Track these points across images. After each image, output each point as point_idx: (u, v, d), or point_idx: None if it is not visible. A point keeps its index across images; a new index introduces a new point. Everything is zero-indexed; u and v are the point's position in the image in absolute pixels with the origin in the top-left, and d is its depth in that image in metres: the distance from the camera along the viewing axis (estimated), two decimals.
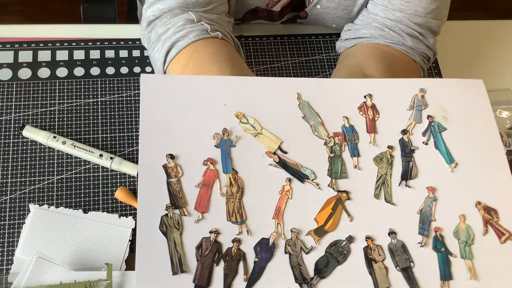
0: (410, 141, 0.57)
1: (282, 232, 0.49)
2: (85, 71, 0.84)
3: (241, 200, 0.50)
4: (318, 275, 0.48)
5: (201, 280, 0.46)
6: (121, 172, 0.77)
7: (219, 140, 0.53)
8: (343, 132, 0.56)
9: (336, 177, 0.53)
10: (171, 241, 0.47)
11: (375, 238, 0.51)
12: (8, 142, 0.77)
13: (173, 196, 0.50)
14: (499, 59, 0.95)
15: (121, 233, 0.71)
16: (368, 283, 0.48)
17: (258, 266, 0.48)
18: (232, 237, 0.49)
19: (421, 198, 0.54)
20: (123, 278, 0.65)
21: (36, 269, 0.65)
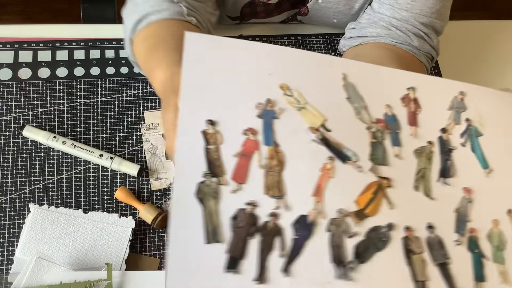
0: (449, 140, 0.56)
1: (322, 211, 0.48)
2: (85, 71, 0.84)
3: (281, 174, 0.48)
4: (357, 259, 0.47)
5: (235, 251, 0.44)
6: (121, 172, 0.77)
7: (262, 111, 0.50)
8: (386, 120, 0.55)
9: (377, 163, 0.52)
10: (206, 209, 0.45)
11: (415, 229, 0.50)
12: (8, 142, 0.77)
13: (211, 164, 0.47)
14: (499, 59, 0.95)
15: (121, 233, 0.71)
16: (406, 274, 0.47)
17: (297, 244, 0.46)
18: (269, 211, 0.46)
19: (457, 197, 0.53)
20: (123, 278, 0.65)
21: (36, 269, 0.65)
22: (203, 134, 0.48)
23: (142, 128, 0.81)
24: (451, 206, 0.52)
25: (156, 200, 0.76)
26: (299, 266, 0.45)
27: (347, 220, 0.48)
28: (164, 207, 0.75)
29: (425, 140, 0.55)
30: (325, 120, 0.52)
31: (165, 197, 0.76)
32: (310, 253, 0.46)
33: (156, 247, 0.73)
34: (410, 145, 0.54)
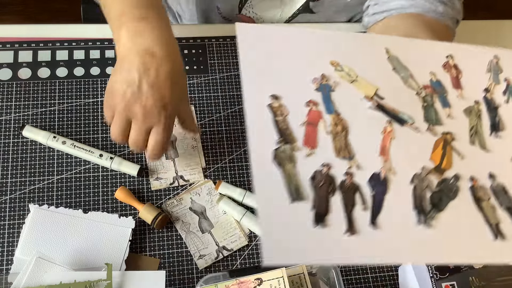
0: (493, 99, 0.61)
1: (391, 167, 0.52)
2: (85, 71, 0.84)
3: (347, 138, 0.52)
4: (435, 208, 0.51)
5: (320, 207, 0.47)
6: (121, 172, 0.77)
7: (319, 85, 0.55)
8: (432, 85, 0.59)
9: (432, 123, 0.56)
10: (286, 172, 0.48)
11: (478, 178, 0.54)
12: (8, 142, 0.77)
13: (282, 132, 0.50)
14: None
15: (121, 233, 0.71)
16: (479, 218, 0.51)
17: (378, 198, 0.50)
18: (343, 171, 0.50)
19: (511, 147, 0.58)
20: (123, 278, 0.65)
21: (36, 269, 0.65)
22: (269, 107, 0.51)
23: None
24: (506, 156, 0.57)
25: (156, 200, 0.76)
26: (384, 218, 0.48)
27: (429, 177, 0.52)
28: (164, 207, 0.75)
29: (472, 100, 0.60)
30: (378, 89, 0.56)
31: (165, 197, 0.76)
32: (392, 205, 0.49)
33: (156, 247, 0.73)
34: (459, 105, 0.59)
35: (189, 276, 0.72)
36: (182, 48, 0.88)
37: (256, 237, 0.75)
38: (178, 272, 0.72)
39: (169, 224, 0.74)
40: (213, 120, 0.83)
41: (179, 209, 0.76)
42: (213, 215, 0.76)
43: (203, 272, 0.72)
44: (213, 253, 0.73)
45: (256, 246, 0.75)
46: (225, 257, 0.73)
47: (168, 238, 0.74)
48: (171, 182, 0.77)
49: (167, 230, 0.74)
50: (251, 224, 0.74)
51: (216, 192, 0.77)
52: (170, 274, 0.71)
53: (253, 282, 0.60)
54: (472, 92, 0.60)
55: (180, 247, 0.73)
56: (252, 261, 0.74)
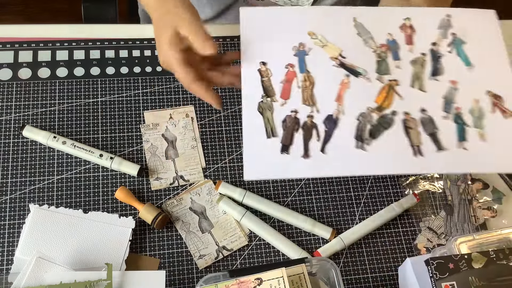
0: (438, 50, 0.75)
1: (342, 110, 0.70)
2: (85, 71, 0.84)
3: (312, 91, 0.71)
4: (370, 137, 0.69)
5: (286, 141, 0.68)
6: (121, 172, 0.77)
7: (297, 51, 0.73)
8: (388, 44, 0.75)
9: (381, 74, 0.72)
10: (265, 118, 0.69)
11: (411, 113, 0.70)
12: (8, 142, 0.77)
13: (266, 89, 0.71)
14: None
15: (121, 233, 0.71)
16: (405, 142, 0.69)
17: (328, 132, 0.69)
18: (307, 114, 0.69)
19: (445, 87, 0.73)
20: (123, 278, 0.65)
21: (36, 269, 0.65)
22: (258, 71, 0.71)
23: (142, 128, 0.81)
24: (440, 94, 0.72)
25: (156, 200, 0.76)
26: (330, 146, 0.68)
27: (371, 114, 0.70)
28: (164, 207, 0.75)
29: (419, 53, 0.75)
30: (341, 50, 0.73)
31: (165, 197, 0.76)
32: (338, 138, 0.68)
33: (156, 247, 0.73)
34: (407, 58, 0.74)
35: (189, 276, 0.72)
36: None
37: (256, 237, 0.75)
38: (178, 272, 0.72)
39: (169, 224, 0.75)
40: (213, 120, 0.83)
41: (179, 209, 0.76)
42: (213, 215, 0.76)
43: (203, 272, 0.72)
44: (213, 253, 0.73)
45: (256, 246, 0.75)
46: (225, 257, 0.73)
47: (168, 238, 0.74)
48: (171, 182, 0.77)
49: (167, 230, 0.74)
50: (251, 224, 0.74)
51: (216, 192, 0.77)
52: (170, 274, 0.71)
53: (253, 282, 0.60)
54: (421, 46, 0.75)
55: (180, 247, 0.73)
56: (252, 261, 0.74)
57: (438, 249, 0.70)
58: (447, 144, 0.69)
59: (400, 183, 0.81)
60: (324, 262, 0.66)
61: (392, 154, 0.68)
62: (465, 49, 0.76)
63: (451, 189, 0.81)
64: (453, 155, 0.69)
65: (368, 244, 0.76)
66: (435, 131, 0.70)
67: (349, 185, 0.80)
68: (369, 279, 0.74)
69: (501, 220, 0.80)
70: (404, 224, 0.78)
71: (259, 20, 0.74)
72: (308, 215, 0.77)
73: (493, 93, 0.73)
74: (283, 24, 0.75)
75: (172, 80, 0.85)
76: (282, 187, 0.79)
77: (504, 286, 0.65)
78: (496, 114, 0.72)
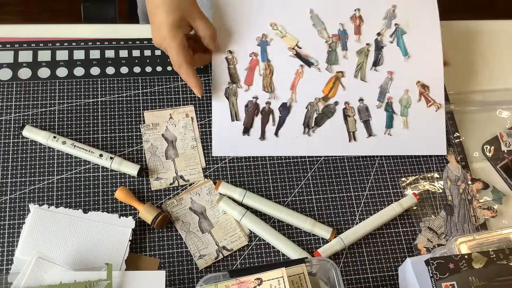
0: (382, 40, 0.83)
1: (295, 98, 0.80)
2: (85, 71, 0.84)
3: (271, 78, 0.80)
4: (316, 125, 0.79)
5: (247, 123, 0.79)
6: (121, 172, 0.77)
7: (259, 41, 0.82)
8: (339, 34, 0.83)
9: (331, 64, 0.81)
10: (230, 103, 0.79)
11: (350, 102, 0.80)
12: (8, 142, 0.77)
13: (232, 76, 0.80)
14: (500, 59, 0.95)
15: (121, 233, 0.71)
16: (344, 128, 0.79)
17: (282, 118, 0.79)
18: (265, 101, 0.79)
19: (383, 77, 0.82)
20: (123, 278, 0.65)
21: (36, 269, 0.65)
22: (226, 59, 0.81)
23: (142, 128, 0.81)
24: (377, 84, 0.81)
25: (156, 200, 0.76)
26: (283, 131, 0.79)
27: (318, 103, 0.80)
28: (164, 207, 0.75)
29: (365, 43, 0.83)
30: (298, 41, 0.82)
31: (165, 197, 0.76)
32: (290, 123, 0.79)
33: (156, 247, 0.73)
34: (354, 48, 0.82)
35: (189, 276, 0.72)
36: None
37: (256, 237, 0.75)
38: (178, 272, 0.72)
39: (169, 224, 0.74)
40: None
41: (179, 209, 0.76)
42: (213, 215, 0.76)
43: (203, 272, 0.72)
44: (213, 253, 0.73)
45: (256, 246, 0.75)
46: (225, 257, 0.73)
47: (168, 238, 0.74)
48: (171, 182, 0.77)
49: (167, 230, 0.74)
50: (251, 224, 0.74)
51: (216, 192, 0.77)
52: (170, 274, 0.71)
53: (253, 282, 0.60)
54: (367, 37, 0.83)
55: (180, 247, 0.73)
56: (252, 261, 0.74)
57: (438, 249, 0.70)
58: (376, 130, 0.79)
59: (400, 183, 0.81)
60: (324, 262, 0.66)
61: (331, 139, 0.78)
62: (405, 39, 0.83)
63: (451, 189, 0.81)
64: (380, 140, 0.79)
65: (368, 244, 0.76)
66: (369, 118, 0.80)
67: (349, 185, 0.80)
68: (369, 279, 0.74)
69: (501, 220, 0.80)
70: (404, 224, 0.78)
71: (228, 10, 0.81)
72: (308, 215, 0.77)
73: (422, 83, 0.82)
74: (249, 15, 0.82)
75: (172, 80, 0.85)
76: (282, 187, 0.79)
77: (504, 286, 0.65)
78: (421, 102, 0.81)
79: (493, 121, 0.88)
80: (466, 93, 0.90)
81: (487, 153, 0.84)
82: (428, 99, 0.81)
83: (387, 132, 0.80)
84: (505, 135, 0.86)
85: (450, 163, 0.83)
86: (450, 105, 0.87)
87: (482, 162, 0.84)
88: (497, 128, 0.86)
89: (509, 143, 0.85)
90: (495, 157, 0.84)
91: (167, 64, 0.86)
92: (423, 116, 0.81)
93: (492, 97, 0.89)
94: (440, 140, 0.81)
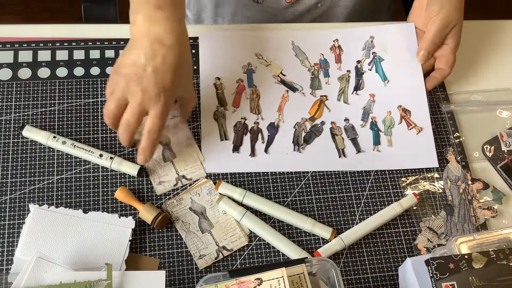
0: (361, 67, 0.89)
1: (282, 119, 0.84)
2: (85, 71, 0.84)
3: (258, 102, 0.84)
4: (305, 143, 0.82)
5: (237, 142, 0.81)
6: (121, 172, 0.77)
7: (245, 69, 0.87)
8: (320, 63, 0.89)
9: (314, 89, 0.87)
10: (219, 124, 0.82)
11: (336, 122, 0.84)
12: (8, 142, 0.77)
13: (220, 100, 0.84)
14: (499, 59, 0.95)
15: (121, 233, 0.71)
16: (332, 145, 0.83)
17: (270, 137, 0.82)
18: (253, 121, 0.83)
19: (365, 100, 0.86)
20: (123, 278, 0.65)
21: (36, 269, 0.65)
22: (214, 85, 0.85)
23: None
24: (360, 106, 0.86)
25: (156, 200, 0.76)
26: (272, 148, 0.82)
27: (305, 123, 0.84)
28: (164, 207, 0.75)
29: (345, 70, 0.89)
30: (282, 69, 0.88)
31: (165, 197, 0.76)
32: (279, 141, 0.82)
33: (156, 247, 0.73)
34: (336, 74, 0.88)
35: (189, 276, 0.72)
36: None
37: (256, 237, 0.75)
38: (178, 272, 0.72)
39: (169, 224, 0.74)
40: None
41: (179, 209, 0.76)
42: (213, 215, 0.76)
43: (203, 272, 0.72)
44: (213, 253, 0.73)
45: (256, 246, 0.75)
46: (225, 257, 0.73)
47: (168, 238, 0.74)
48: (175, 183, 0.77)
49: (167, 230, 0.74)
50: (251, 224, 0.74)
51: (216, 192, 0.77)
52: (170, 274, 0.71)
53: (253, 282, 0.60)
54: (347, 64, 0.89)
55: (180, 247, 0.73)
56: (252, 261, 0.74)
57: (438, 249, 0.70)
58: (364, 147, 0.83)
59: (400, 183, 0.81)
60: (324, 262, 0.66)
61: (321, 155, 0.81)
62: (383, 65, 0.88)
63: (451, 189, 0.81)
64: (369, 156, 0.82)
65: (368, 244, 0.76)
66: (356, 136, 0.83)
67: (349, 185, 0.80)
68: (369, 279, 0.74)
69: (501, 220, 0.80)
70: (404, 224, 0.78)
71: (215, 44, 0.87)
72: (308, 215, 0.77)
73: (403, 107, 0.86)
74: (235, 47, 0.88)
75: None
76: (282, 187, 0.79)
77: (504, 286, 0.65)
78: (402, 125, 0.84)
79: (493, 121, 0.87)
80: (466, 93, 0.90)
81: (487, 153, 0.84)
82: (409, 123, 0.84)
83: (376, 148, 0.83)
84: (505, 135, 0.86)
85: (450, 163, 0.83)
86: (450, 105, 0.87)
87: (482, 162, 0.84)
88: (497, 128, 0.86)
89: (509, 143, 0.85)
90: (495, 157, 0.84)
91: None
92: (407, 136, 0.84)
93: (492, 97, 0.89)
94: (431, 155, 0.83)
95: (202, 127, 0.81)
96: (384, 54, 0.89)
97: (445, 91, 0.90)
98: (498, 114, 0.88)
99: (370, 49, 0.90)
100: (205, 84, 0.84)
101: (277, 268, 0.61)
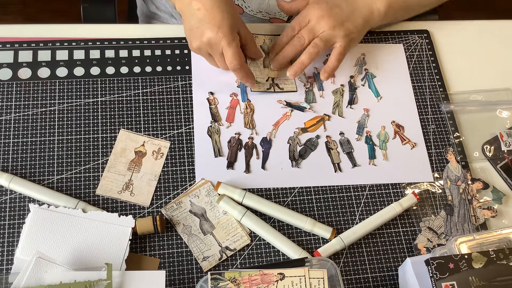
0: (354, 82, 0.90)
1: (274, 134, 0.83)
2: (85, 71, 0.84)
3: (252, 116, 0.85)
4: (301, 158, 0.82)
5: (231, 158, 0.81)
6: None
7: (239, 83, 0.87)
8: (314, 76, 0.90)
9: (309, 102, 0.87)
10: (213, 140, 0.81)
11: (332, 136, 0.84)
12: (8, 142, 0.77)
13: (213, 115, 0.84)
14: (499, 59, 0.95)
15: (121, 232, 0.71)
16: (328, 160, 0.82)
17: (265, 152, 0.82)
18: (248, 136, 0.83)
19: (359, 114, 0.87)
20: (123, 278, 0.65)
21: (36, 269, 0.65)
22: (207, 100, 0.85)
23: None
24: (354, 119, 0.87)
25: (156, 206, 0.76)
26: (269, 164, 0.81)
27: (299, 136, 0.84)
28: (163, 212, 0.75)
29: (339, 84, 0.90)
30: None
31: (164, 197, 0.76)
32: (274, 156, 0.82)
33: (156, 247, 0.73)
34: (330, 88, 0.89)
35: (189, 276, 0.72)
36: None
37: (256, 237, 0.75)
38: (178, 272, 0.72)
39: (169, 224, 0.75)
40: None
41: (179, 212, 0.75)
42: (214, 216, 0.76)
43: (203, 272, 0.72)
44: (217, 254, 0.73)
45: (256, 246, 0.75)
46: (228, 257, 0.73)
47: (168, 238, 0.74)
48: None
49: (167, 230, 0.74)
50: (251, 223, 0.74)
51: (215, 193, 0.77)
52: (170, 274, 0.71)
53: (275, 276, 0.61)
54: (341, 79, 0.90)
55: (180, 247, 0.73)
56: (252, 261, 0.74)
57: (438, 249, 0.70)
58: (360, 161, 0.82)
59: (400, 183, 0.81)
60: (324, 262, 0.66)
61: (318, 170, 0.81)
62: (376, 83, 0.90)
63: (451, 189, 0.81)
64: (365, 170, 0.82)
65: (368, 244, 0.76)
66: (351, 150, 0.83)
67: (349, 185, 0.80)
68: (369, 279, 0.74)
69: (501, 220, 0.80)
70: (404, 224, 0.78)
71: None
72: (308, 215, 0.77)
73: (397, 123, 0.87)
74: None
75: (172, 80, 0.85)
76: (282, 187, 0.79)
77: (504, 286, 0.65)
78: (396, 139, 0.85)
79: (493, 121, 0.88)
80: (466, 93, 0.90)
81: (487, 153, 0.84)
82: (403, 138, 0.85)
83: (371, 162, 0.82)
84: (505, 135, 0.86)
85: (450, 163, 0.83)
86: (450, 105, 0.87)
87: (482, 162, 0.84)
88: (497, 128, 0.86)
89: (509, 143, 0.85)
90: (495, 157, 0.84)
91: (167, 64, 0.86)
92: (401, 150, 0.84)
93: (492, 97, 0.90)
94: (425, 169, 0.83)
95: (195, 143, 0.80)
96: (375, 71, 0.91)
97: (445, 91, 0.90)
98: (498, 114, 0.88)
99: (363, 65, 0.91)
100: (198, 99, 0.84)
101: (277, 268, 0.61)
